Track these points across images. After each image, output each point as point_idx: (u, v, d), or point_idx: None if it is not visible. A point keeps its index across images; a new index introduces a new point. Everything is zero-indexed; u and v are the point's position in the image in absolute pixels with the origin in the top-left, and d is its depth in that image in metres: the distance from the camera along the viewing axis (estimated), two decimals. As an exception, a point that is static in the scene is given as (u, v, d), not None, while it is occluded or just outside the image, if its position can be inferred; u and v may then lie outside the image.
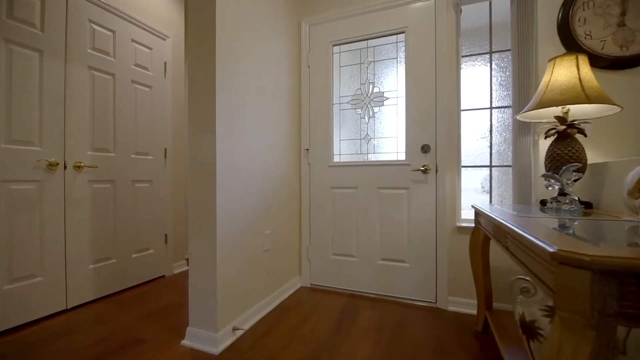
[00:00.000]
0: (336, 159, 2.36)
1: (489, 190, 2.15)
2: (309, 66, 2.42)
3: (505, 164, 2.07)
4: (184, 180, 2.97)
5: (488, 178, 2.15)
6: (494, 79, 2.13)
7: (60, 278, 1.97)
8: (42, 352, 1.52)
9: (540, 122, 1.74)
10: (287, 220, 2.24)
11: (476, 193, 2.20)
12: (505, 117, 2.09)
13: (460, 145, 2.06)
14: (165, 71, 2.74)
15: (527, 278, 1.14)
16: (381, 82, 2.23)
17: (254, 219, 1.85)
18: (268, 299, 1.98)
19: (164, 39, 2.74)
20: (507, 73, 2.09)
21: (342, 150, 2.34)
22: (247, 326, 1.75)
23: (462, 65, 2.15)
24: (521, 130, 1.86)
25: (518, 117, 1.61)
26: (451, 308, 2.01)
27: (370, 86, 2.25)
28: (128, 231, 2.41)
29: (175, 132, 2.84)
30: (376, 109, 2.24)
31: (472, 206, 1.68)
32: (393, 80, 2.20)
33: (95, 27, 2.18)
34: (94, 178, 2.17)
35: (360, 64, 2.29)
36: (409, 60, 2.12)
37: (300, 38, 2.44)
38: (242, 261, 1.75)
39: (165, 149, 2.74)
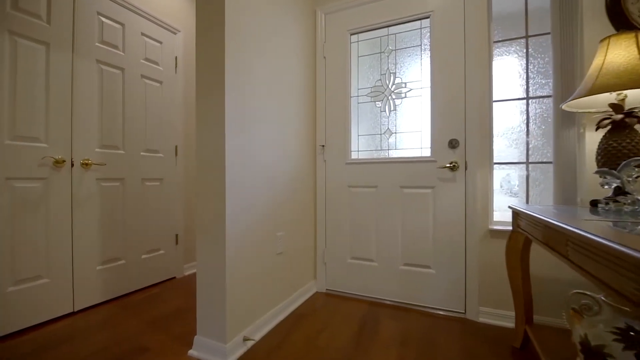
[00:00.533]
0: (354, 155, 2.20)
1: (512, 191, 1.93)
2: (324, 57, 2.27)
3: (544, 160, 1.86)
4: (195, 178, 2.87)
5: (509, 178, 1.94)
6: (530, 67, 1.91)
7: (67, 280, 1.89)
8: (44, 359, 1.43)
9: (589, 112, 1.53)
10: (301, 221, 2.10)
11: (496, 194, 1.98)
12: (542, 108, 1.88)
13: (492, 140, 1.86)
14: (176, 66, 2.65)
15: (588, 293, 0.96)
16: (403, 72, 2.05)
17: (265, 220, 1.72)
18: (281, 305, 1.85)
19: (175, 33, 2.65)
20: (546, 59, 1.88)
21: (361, 147, 2.18)
22: (258, 336, 1.62)
23: (494, 52, 1.95)
24: (564, 122, 1.65)
25: (563, 107, 1.41)
26: (482, 320, 1.81)
27: (392, 77, 2.08)
28: (137, 231, 2.32)
29: (187, 129, 2.75)
30: (398, 102, 2.06)
31: (510, 207, 1.50)
32: (417, 70, 2.02)
33: (103, 19, 2.11)
34: (102, 176, 2.09)
35: (380, 53, 2.12)
36: (434, 48, 1.94)
37: (315, 28, 2.30)
38: (253, 265, 1.62)
39: (176, 147, 2.65)
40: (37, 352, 1.50)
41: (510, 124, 1.94)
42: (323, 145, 2.26)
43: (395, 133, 2.07)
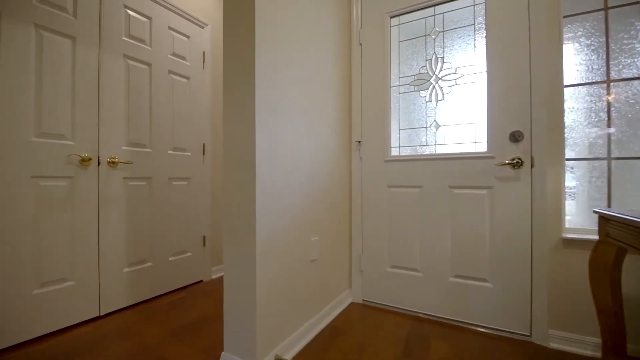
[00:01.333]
0: (394, 152, 1.98)
1: (568, 192, 1.61)
2: (360, 44, 2.06)
3: (632, 155, 1.54)
4: (223, 178, 2.77)
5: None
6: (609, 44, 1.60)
7: (93, 282, 1.82)
8: (64, 371, 1.34)
9: None
10: (335, 225, 1.91)
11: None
12: (629, 92, 1.55)
13: (563, 132, 1.57)
14: (203, 61, 2.55)
15: None
16: (453, 56, 1.80)
17: (298, 223, 1.54)
18: (315, 318, 1.66)
19: (202, 27, 2.55)
20: (632, 32, 1.56)
21: (402, 142, 1.95)
22: (291, 355, 1.43)
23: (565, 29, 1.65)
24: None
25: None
26: (553, 345, 1.52)
27: (439, 62, 1.84)
28: (164, 232, 2.23)
29: (214, 127, 2.65)
30: (446, 90, 1.81)
31: (596, 211, 1.22)
32: (469, 53, 1.76)
33: (130, 13, 2.03)
34: (129, 175, 2.01)
35: (425, 36, 1.88)
36: (491, 26, 1.67)
37: (350, 12, 2.10)
38: (286, 274, 1.44)
39: (204, 145, 2.55)
40: (58, 359, 1.41)
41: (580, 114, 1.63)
42: (359, 141, 2.05)
43: (444, 126, 1.82)
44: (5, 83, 1.49)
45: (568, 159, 1.61)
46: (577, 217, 1.59)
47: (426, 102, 1.87)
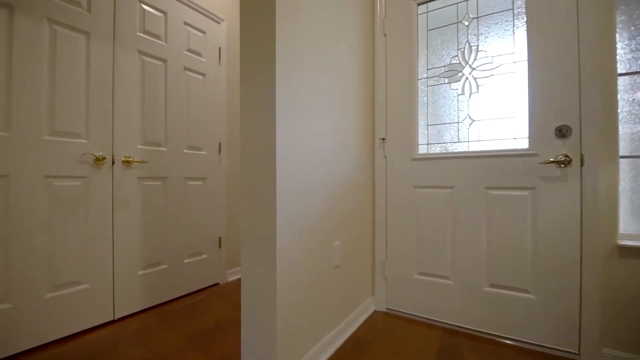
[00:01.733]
0: (422, 149, 1.83)
1: None
2: (384, 35, 1.93)
3: (701, 151, 1.35)
4: (240, 177, 2.69)
5: None
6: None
7: (107, 285, 1.76)
8: (75, 380, 1.28)
9: None
10: (358, 228, 1.78)
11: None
12: (697, 80, 1.36)
13: (617, 125, 1.39)
14: (219, 57, 2.47)
15: None
16: (489, 44, 1.65)
17: (320, 227, 1.42)
18: (338, 329, 1.54)
19: (219, 22, 2.48)
20: (701, 13, 1.36)
21: (431, 139, 1.81)
22: (313, 369, 1.33)
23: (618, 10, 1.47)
24: None
25: None
26: (607, 366, 1.36)
27: (473, 51, 1.68)
28: (180, 234, 2.16)
29: (230, 125, 2.57)
30: (481, 82, 1.66)
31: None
32: (507, 41, 1.60)
33: (145, 7, 1.97)
34: (144, 175, 1.95)
35: (457, 23, 1.73)
36: (532, 10, 1.51)
37: (373, 1, 1.96)
38: (307, 282, 1.33)
39: (220, 144, 2.48)
40: (71, 369, 1.35)
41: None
42: (383, 138, 1.92)
43: (478, 120, 1.67)
44: (18, 79, 1.45)
45: (623, 157, 1.43)
46: (631, 222, 1.41)
47: (458, 95, 1.72)
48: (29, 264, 1.47)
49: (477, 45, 1.67)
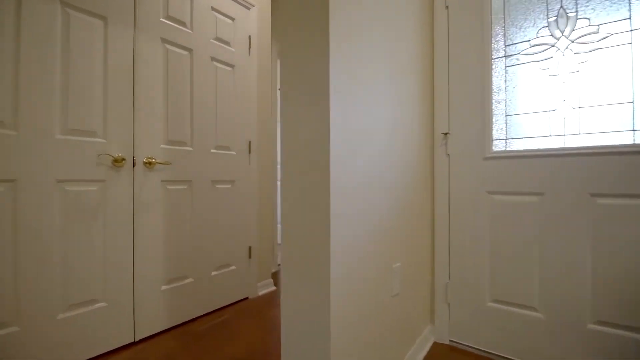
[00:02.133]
0: (498, 146, 1.48)
1: None
2: (447, 7, 1.59)
3: None
4: (270, 180, 2.44)
5: None
6: None
7: (127, 303, 1.56)
8: None
9: None
10: (417, 245, 1.46)
11: None
12: None
13: None
14: (249, 47, 2.23)
15: None
16: (592, 9, 1.27)
17: (377, 245, 1.12)
18: (397, 371, 1.23)
19: (248, 8, 2.24)
20: None
21: (510, 132, 1.45)
22: None
23: None
24: None
25: None
26: None
27: (569, 20, 1.31)
28: (207, 243, 1.94)
29: (261, 123, 2.32)
30: (582, 58, 1.28)
31: None
32: (619, 3, 1.22)
33: (169, -10, 1.76)
34: (167, 177, 1.74)
35: (546, -15, 1.36)
36: (664, -44, 1.12)
37: (431, -31, 1.63)
38: (363, 314, 1.03)
39: (250, 143, 2.24)
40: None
41: None
42: (446, 133, 1.58)
43: (578, 108, 1.29)
44: (27, 70, 1.26)
45: None
46: None
47: (549, 76, 1.35)
48: (39, 280, 1.29)
49: (576, 12, 1.30)
